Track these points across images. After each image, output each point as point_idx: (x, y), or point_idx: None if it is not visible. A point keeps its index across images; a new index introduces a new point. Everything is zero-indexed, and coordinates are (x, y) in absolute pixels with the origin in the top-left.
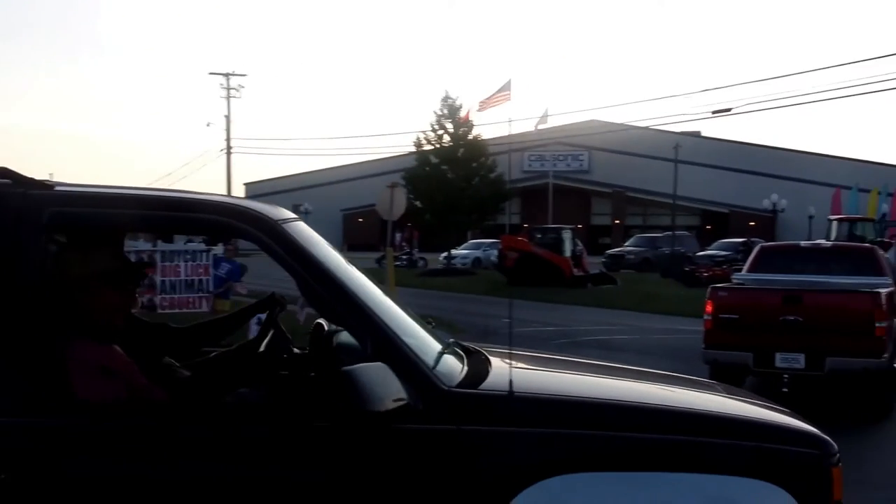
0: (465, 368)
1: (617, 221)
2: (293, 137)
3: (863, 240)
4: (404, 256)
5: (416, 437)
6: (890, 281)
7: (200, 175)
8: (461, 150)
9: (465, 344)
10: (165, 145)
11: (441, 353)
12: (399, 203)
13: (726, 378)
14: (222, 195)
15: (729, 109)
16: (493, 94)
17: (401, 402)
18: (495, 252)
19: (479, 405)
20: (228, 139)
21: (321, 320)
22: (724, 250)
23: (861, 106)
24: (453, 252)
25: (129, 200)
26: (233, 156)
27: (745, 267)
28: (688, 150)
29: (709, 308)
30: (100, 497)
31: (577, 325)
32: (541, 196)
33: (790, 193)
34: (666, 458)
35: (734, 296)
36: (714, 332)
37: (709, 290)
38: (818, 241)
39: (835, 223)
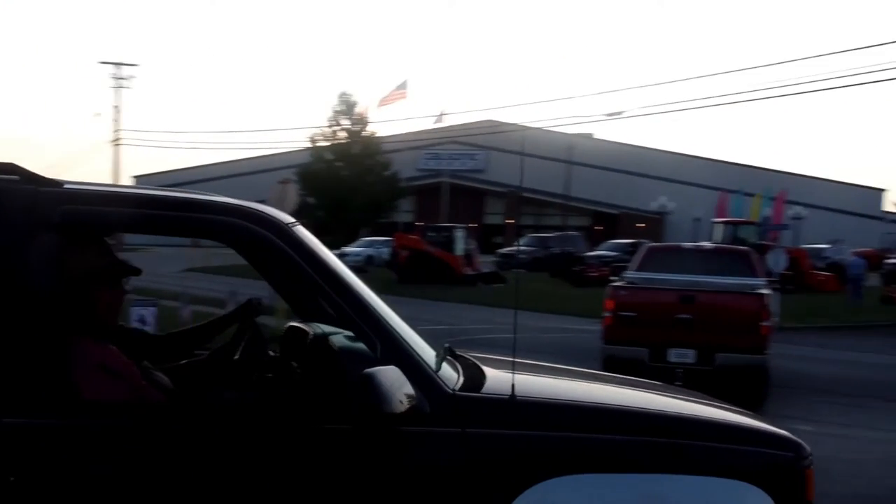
0: (462, 373)
1: (510, 221)
2: (186, 130)
3: (745, 242)
4: None
5: (424, 439)
6: (765, 281)
7: (88, 167)
8: (356, 147)
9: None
10: (53, 137)
11: (439, 358)
12: (290, 199)
13: (622, 373)
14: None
15: (621, 112)
16: (390, 93)
17: (412, 405)
18: (388, 250)
19: (483, 408)
20: (117, 130)
21: (298, 323)
22: (613, 251)
23: (747, 112)
24: (345, 249)
25: (143, 200)
26: (124, 148)
27: (633, 266)
28: (581, 152)
29: (609, 305)
30: (110, 498)
31: (466, 323)
32: (435, 194)
33: (678, 196)
34: (656, 460)
35: (633, 294)
36: (613, 328)
37: (608, 288)
38: (701, 243)
39: (719, 226)
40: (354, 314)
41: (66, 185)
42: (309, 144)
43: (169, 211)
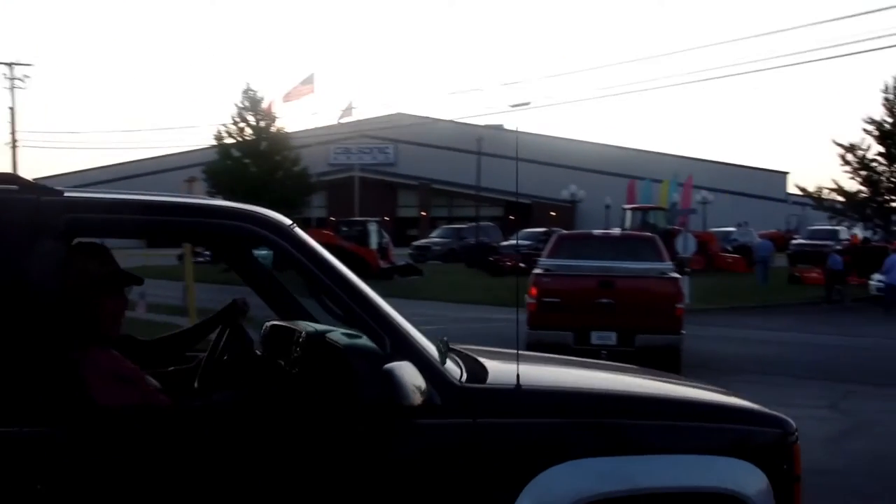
0: (462, 365)
1: (423, 213)
2: (88, 130)
3: (654, 227)
4: (207, 252)
5: (437, 430)
6: (672, 265)
7: None
8: (264, 144)
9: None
10: None
11: (441, 353)
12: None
13: None
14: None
15: (527, 103)
16: (296, 87)
17: (425, 398)
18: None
19: (490, 399)
20: (13, 132)
21: (280, 322)
22: (527, 240)
23: (653, 99)
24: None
25: (146, 206)
26: (22, 150)
27: (545, 253)
28: (491, 143)
29: (533, 292)
30: (132, 501)
31: None
32: (347, 189)
33: (588, 184)
34: (657, 441)
35: (556, 281)
36: (538, 314)
37: (532, 276)
38: (609, 231)
39: (629, 212)
40: (363, 311)
41: (67, 194)
42: (215, 142)
43: (173, 217)
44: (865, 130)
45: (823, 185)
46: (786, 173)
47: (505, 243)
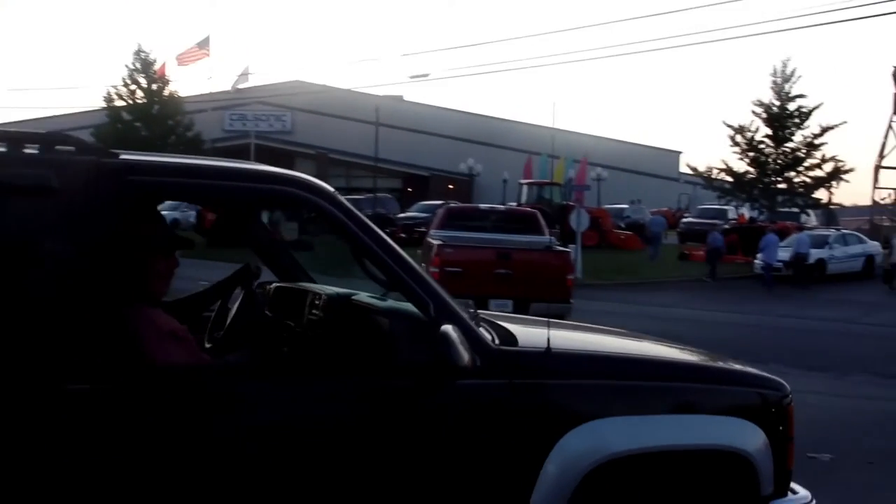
0: (491, 330)
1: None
2: None
3: (550, 203)
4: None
5: (479, 390)
6: (550, 239)
7: None
8: (156, 107)
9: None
10: None
11: (473, 317)
12: None
13: None
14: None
15: (427, 74)
16: (191, 49)
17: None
18: (195, 213)
19: (524, 361)
20: None
21: (283, 284)
22: (423, 212)
23: (551, 76)
24: None
25: (200, 170)
26: None
27: (434, 225)
28: (389, 114)
29: (436, 262)
30: (190, 452)
31: None
32: (242, 156)
33: (486, 158)
34: (673, 402)
35: (458, 252)
36: (440, 283)
37: (435, 247)
38: (494, 206)
39: (525, 187)
40: (409, 277)
41: (123, 156)
42: (104, 104)
43: (227, 181)
44: (754, 113)
45: (714, 165)
46: (679, 153)
47: (402, 215)
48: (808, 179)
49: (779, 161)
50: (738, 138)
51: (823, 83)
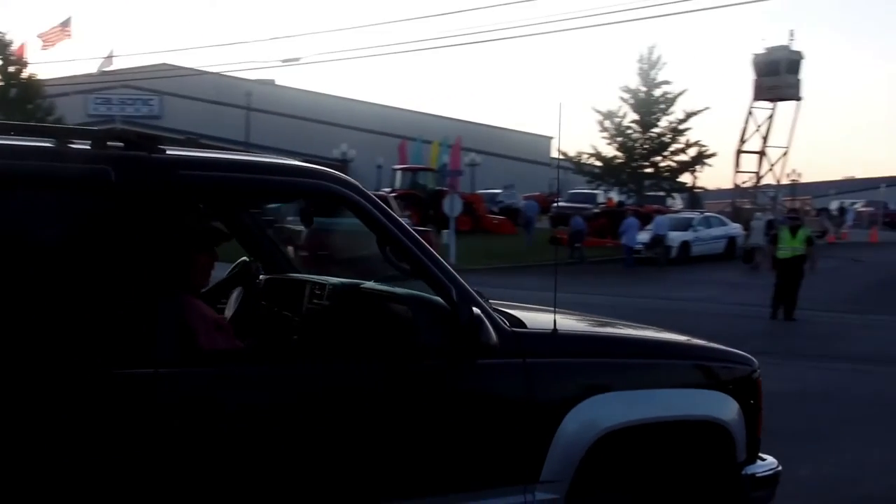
0: (499, 314)
1: None
2: None
3: (424, 189)
4: None
5: (497, 369)
6: (408, 221)
7: None
8: (13, 91)
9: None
10: None
11: (486, 301)
12: None
13: None
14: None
15: (298, 59)
16: (52, 31)
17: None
18: None
19: (535, 341)
20: None
21: (274, 276)
22: None
23: (425, 61)
24: None
25: (241, 165)
26: None
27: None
28: (261, 99)
29: (306, 247)
30: (237, 432)
31: None
32: None
33: (359, 143)
34: (664, 378)
35: (316, 236)
36: (307, 264)
37: (308, 231)
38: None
39: (399, 173)
40: (433, 265)
41: (169, 151)
42: None
43: (270, 175)
44: (622, 98)
45: (584, 150)
46: (550, 138)
47: None
48: (673, 164)
49: (645, 146)
50: (607, 124)
51: (688, 70)
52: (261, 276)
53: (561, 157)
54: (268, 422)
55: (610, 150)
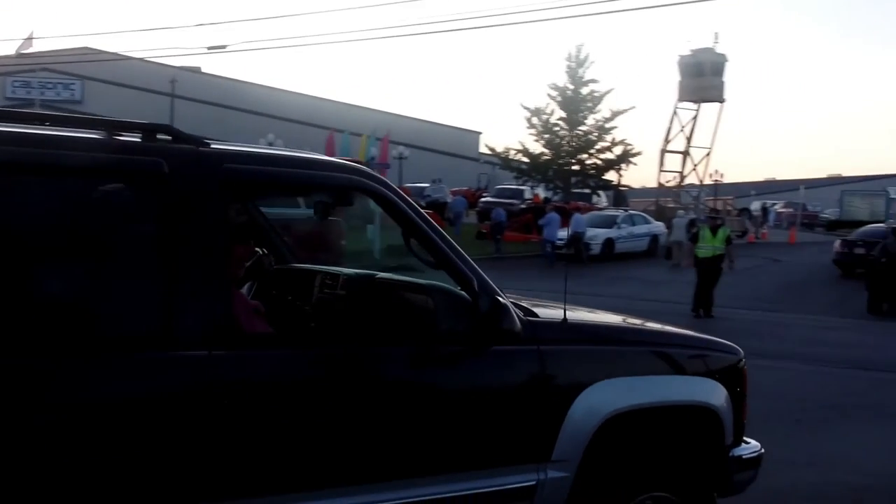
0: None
1: None
2: None
3: None
4: None
5: (515, 354)
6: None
7: None
8: None
9: None
10: None
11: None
12: None
13: None
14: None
15: (224, 46)
16: None
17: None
18: None
19: (548, 329)
20: None
21: (281, 266)
22: None
23: (354, 52)
24: None
25: (281, 160)
26: None
27: None
28: (186, 86)
29: None
30: (288, 408)
31: None
32: None
33: (287, 133)
34: (662, 366)
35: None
36: None
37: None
38: None
39: None
40: (456, 257)
41: (214, 145)
42: None
43: (308, 170)
44: (550, 96)
45: (511, 146)
46: (478, 133)
47: None
48: (599, 162)
49: (572, 143)
50: (535, 120)
51: (615, 69)
52: (277, 267)
53: (489, 152)
54: (304, 401)
55: (537, 147)
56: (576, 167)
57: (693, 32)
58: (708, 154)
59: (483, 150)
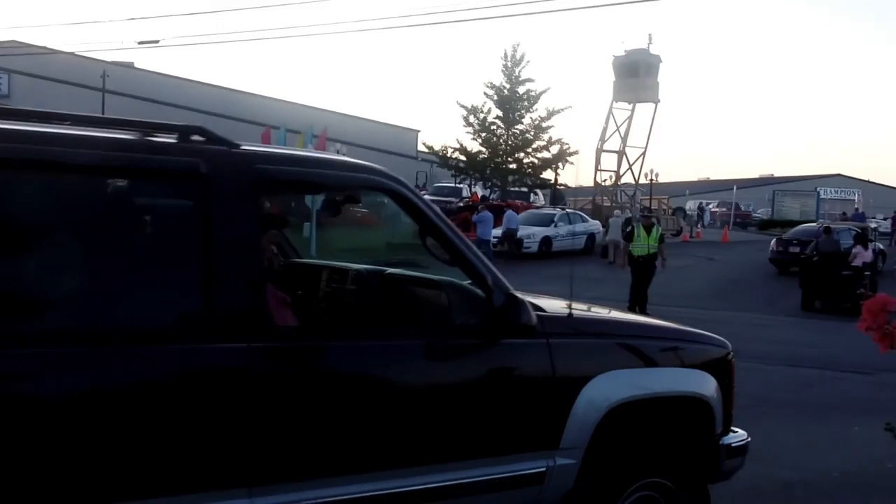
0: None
1: None
2: None
3: None
4: None
5: (526, 347)
6: None
7: None
8: None
9: None
10: None
11: None
12: None
13: None
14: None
15: (157, 41)
16: None
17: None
18: None
19: (556, 323)
20: None
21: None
22: None
23: (291, 49)
24: None
25: (307, 160)
26: None
27: None
28: (119, 81)
29: None
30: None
31: None
32: None
33: (222, 131)
34: (660, 358)
35: None
36: None
37: None
38: None
39: None
40: (469, 253)
41: (243, 146)
42: None
43: (334, 170)
44: (487, 95)
45: (449, 144)
46: (417, 131)
47: None
48: (536, 160)
49: (509, 142)
50: (472, 119)
51: (552, 69)
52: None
53: (427, 150)
54: (333, 390)
55: (475, 146)
56: (513, 166)
57: (628, 33)
58: (643, 154)
59: (421, 148)
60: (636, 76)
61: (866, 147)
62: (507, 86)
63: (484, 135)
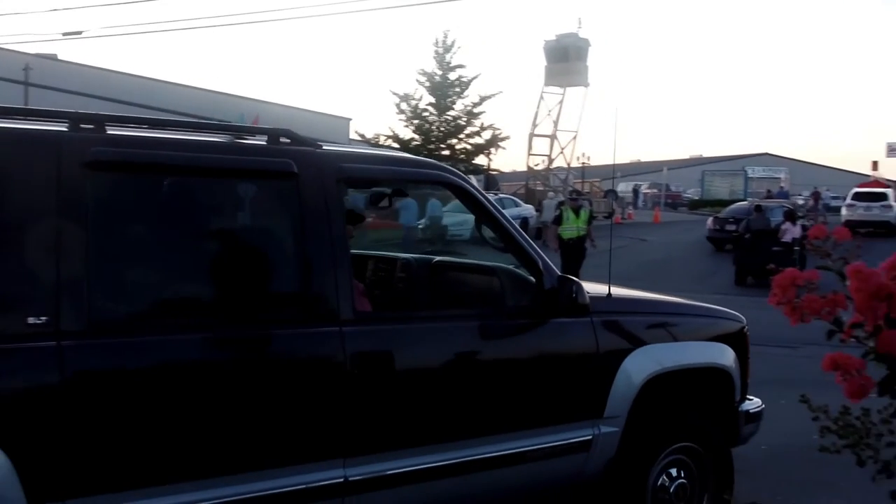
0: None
1: None
2: None
3: None
4: None
5: (575, 325)
6: None
7: None
8: None
9: None
10: None
11: None
12: None
13: None
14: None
15: (81, 32)
16: None
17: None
18: None
19: (598, 304)
20: None
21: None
22: None
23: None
24: None
25: (384, 159)
26: None
27: None
28: (42, 74)
29: None
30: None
31: None
32: None
33: None
34: (686, 333)
35: None
36: None
37: None
38: None
39: None
40: (522, 241)
41: (325, 147)
42: None
43: (405, 167)
44: (418, 81)
45: (381, 132)
46: (348, 119)
47: None
48: (469, 146)
49: (442, 129)
50: (404, 106)
51: (484, 54)
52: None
53: (359, 138)
54: (407, 368)
55: (407, 133)
56: (446, 152)
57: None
58: (574, 137)
59: (353, 136)
60: (566, 60)
61: (793, 125)
62: (439, 72)
63: (416, 122)
